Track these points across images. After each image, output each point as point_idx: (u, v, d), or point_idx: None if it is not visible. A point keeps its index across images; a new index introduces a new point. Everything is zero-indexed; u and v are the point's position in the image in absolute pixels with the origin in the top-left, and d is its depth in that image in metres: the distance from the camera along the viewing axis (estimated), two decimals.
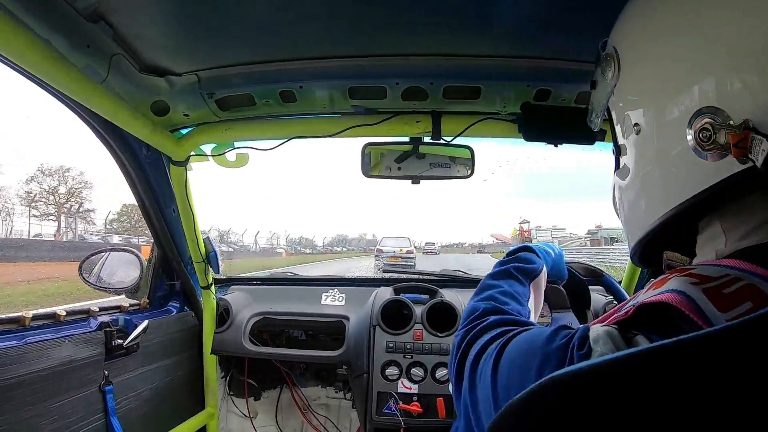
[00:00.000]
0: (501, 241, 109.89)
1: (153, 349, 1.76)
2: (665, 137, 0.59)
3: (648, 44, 0.63)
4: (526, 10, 1.08)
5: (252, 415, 2.34)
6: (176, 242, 1.89)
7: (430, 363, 1.80)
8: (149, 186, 1.70)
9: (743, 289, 0.46)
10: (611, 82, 0.70)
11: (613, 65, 0.69)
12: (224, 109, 1.50)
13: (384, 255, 23.07)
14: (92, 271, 1.86)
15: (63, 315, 1.42)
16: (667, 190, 0.59)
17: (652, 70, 0.61)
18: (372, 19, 1.13)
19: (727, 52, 0.51)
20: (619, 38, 0.70)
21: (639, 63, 0.65)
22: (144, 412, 1.69)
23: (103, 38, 1.11)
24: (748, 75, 0.50)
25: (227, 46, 1.26)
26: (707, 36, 0.54)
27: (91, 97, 1.15)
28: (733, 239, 0.56)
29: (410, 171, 1.62)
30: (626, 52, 0.67)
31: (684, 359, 0.37)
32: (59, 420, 1.31)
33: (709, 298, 0.46)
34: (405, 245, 24.51)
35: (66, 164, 53.19)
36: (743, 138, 0.48)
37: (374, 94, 1.45)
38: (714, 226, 0.58)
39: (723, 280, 0.48)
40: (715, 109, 0.51)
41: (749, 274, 0.48)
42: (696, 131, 0.52)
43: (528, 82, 1.40)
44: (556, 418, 0.41)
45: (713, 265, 0.53)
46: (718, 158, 0.51)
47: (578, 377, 0.40)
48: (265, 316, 2.09)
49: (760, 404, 0.35)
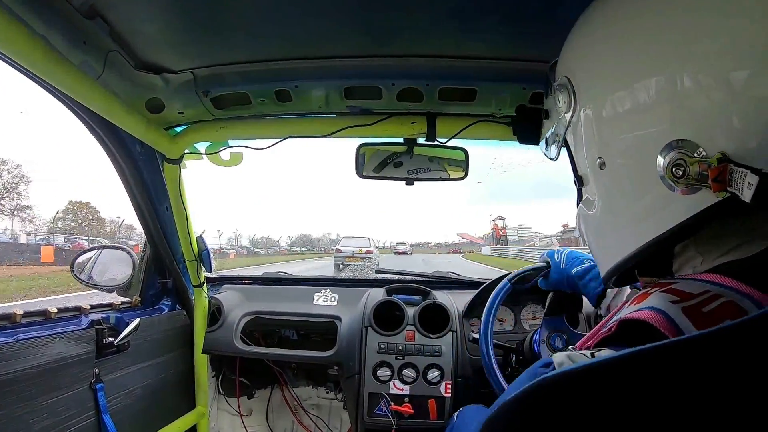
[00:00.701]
0: (467, 240, 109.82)
1: (144, 347, 1.75)
2: (633, 172, 0.57)
3: (603, 73, 0.61)
4: (522, 12, 1.08)
5: (243, 414, 2.34)
6: (169, 240, 1.89)
7: (422, 364, 1.81)
8: (143, 183, 1.69)
9: (723, 307, 0.47)
10: (566, 114, 0.67)
11: (567, 96, 0.66)
12: (219, 107, 1.50)
13: (343, 255, 22.95)
14: (84, 269, 1.85)
15: (54, 312, 1.41)
16: (639, 225, 0.58)
17: (613, 103, 0.59)
18: (369, 20, 1.14)
19: (696, 84, 0.50)
20: (572, 67, 0.67)
21: (598, 95, 0.62)
22: (135, 410, 1.68)
23: (99, 35, 1.11)
24: (721, 105, 0.49)
25: (223, 45, 1.26)
26: (672, 66, 0.52)
27: (86, 93, 1.15)
28: (709, 260, 0.56)
29: (404, 172, 1.62)
30: (582, 82, 0.64)
31: (646, 367, 0.40)
32: (50, 418, 1.31)
33: (688, 317, 0.47)
34: (364, 245, 24.43)
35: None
36: (722, 171, 0.47)
37: (370, 94, 1.45)
38: (690, 250, 0.59)
39: (703, 297, 0.49)
40: (686, 141, 0.50)
41: (729, 290, 0.49)
42: (668, 166, 0.51)
43: (523, 85, 1.40)
44: (542, 415, 0.43)
45: (694, 280, 0.53)
46: (692, 191, 0.51)
47: (566, 377, 0.42)
48: (257, 316, 2.09)
49: (721, 409, 0.38)
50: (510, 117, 1.53)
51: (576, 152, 0.69)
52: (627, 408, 0.39)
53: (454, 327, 1.88)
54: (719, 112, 0.49)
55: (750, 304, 0.46)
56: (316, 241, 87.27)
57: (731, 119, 0.48)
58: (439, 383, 1.78)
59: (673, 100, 0.52)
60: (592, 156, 0.63)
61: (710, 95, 0.49)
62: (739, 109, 0.48)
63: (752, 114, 0.47)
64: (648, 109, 0.54)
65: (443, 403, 1.76)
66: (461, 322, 1.91)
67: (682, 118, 0.51)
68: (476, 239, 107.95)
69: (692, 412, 0.38)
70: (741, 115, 0.47)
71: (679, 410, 0.38)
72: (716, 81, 0.49)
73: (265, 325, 2.16)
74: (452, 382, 1.78)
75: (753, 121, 0.47)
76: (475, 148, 1.66)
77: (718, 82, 0.48)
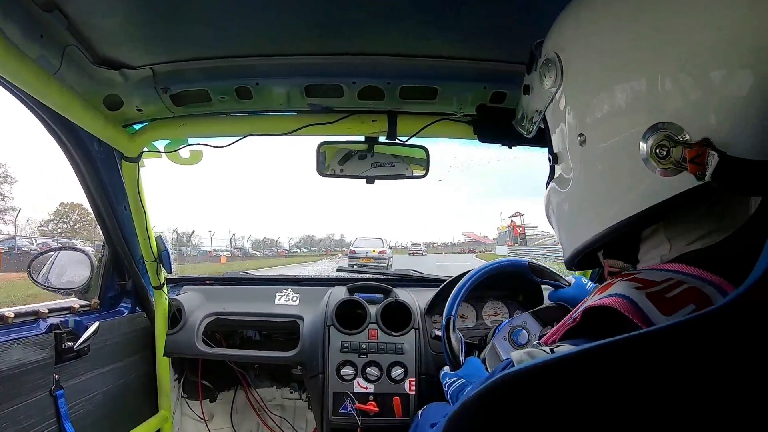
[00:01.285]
0: (473, 239, 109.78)
1: (104, 351, 1.71)
2: (614, 151, 0.57)
3: (599, 54, 0.60)
4: (483, 12, 1.11)
5: (207, 417, 2.31)
6: (128, 241, 1.85)
7: (386, 362, 1.81)
8: (100, 182, 1.66)
9: (686, 292, 0.48)
10: (550, 90, 0.67)
11: (554, 72, 0.66)
12: (179, 104, 1.49)
13: (357, 256, 23.26)
14: (41, 271, 1.80)
15: (11, 317, 1.37)
16: (613, 203, 0.59)
17: (603, 81, 0.59)
18: (330, 17, 1.15)
19: (685, 68, 0.51)
20: (562, 43, 0.67)
21: (587, 73, 0.62)
22: (97, 416, 1.64)
23: (57, 28, 1.09)
24: (707, 90, 0.50)
25: (184, 40, 1.25)
26: (664, 49, 0.53)
27: (42, 89, 1.13)
28: (678, 246, 0.57)
29: (365, 170, 1.63)
30: (572, 59, 0.64)
31: (612, 360, 0.40)
32: (11, 426, 1.27)
33: (653, 302, 0.47)
34: (378, 246, 24.75)
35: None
36: (700, 153, 0.48)
37: (331, 92, 1.46)
38: (658, 235, 0.59)
39: (666, 284, 0.49)
40: (671, 124, 0.51)
41: (691, 277, 0.49)
42: (652, 147, 0.52)
43: (484, 84, 1.43)
44: (502, 412, 0.43)
45: (657, 270, 0.54)
46: (672, 174, 0.52)
47: (526, 373, 0.42)
48: (219, 317, 2.06)
49: (691, 403, 0.38)
50: (470, 116, 1.56)
51: (554, 128, 0.70)
52: (588, 403, 0.39)
53: (417, 324, 1.89)
54: (704, 98, 0.50)
55: (712, 290, 0.47)
56: (319, 241, 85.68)
57: (717, 106, 0.49)
58: (403, 381, 1.78)
59: (662, 83, 0.53)
60: (573, 133, 0.63)
61: (698, 80, 0.50)
62: (724, 96, 0.49)
63: (735, 104, 0.49)
64: (635, 89, 0.55)
65: (408, 401, 1.77)
66: (423, 319, 1.92)
67: (669, 101, 0.52)
68: (482, 238, 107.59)
69: (659, 404, 0.37)
70: (725, 103, 0.49)
71: (644, 404, 0.38)
72: (703, 69, 0.50)
73: (226, 326, 2.14)
74: (416, 379, 1.79)
75: (734, 109, 0.49)
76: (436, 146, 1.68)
77: (706, 70, 0.50)
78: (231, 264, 33.07)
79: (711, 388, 0.38)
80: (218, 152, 1.65)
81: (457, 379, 1.29)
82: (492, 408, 0.44)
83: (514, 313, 1.94)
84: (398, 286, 2.12)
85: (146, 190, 1.73)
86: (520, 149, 1.56)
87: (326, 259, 41.00)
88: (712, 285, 0.47)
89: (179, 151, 1.64)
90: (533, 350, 0.51)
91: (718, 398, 0.37)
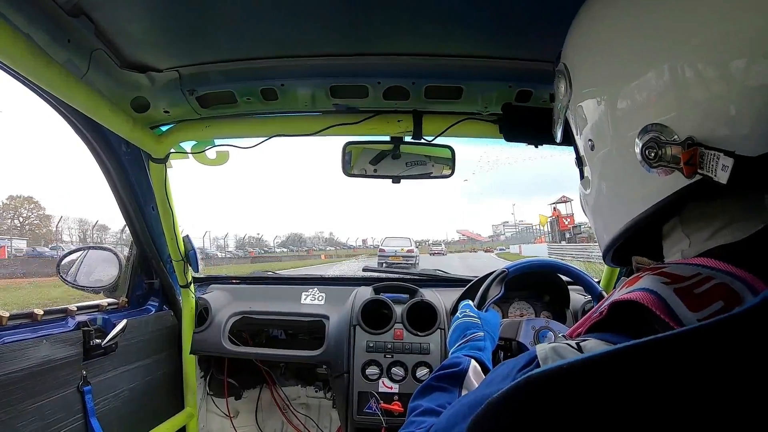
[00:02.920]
0: (468, 237, 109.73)
1: (131, 348, 1.74)
2: (616, 154, 0.60)
3: (593, 62, 0.65)
4: (507, 10, 1.09)
5: (232, 414, 2.33)
6: (155, 240, 1.87)
7: (411, 362, 1.80)
8: (128, 183, 1.68)
9: (715, 289, 0.46)
10: (565, 98, 0.71)
11: (564, 81, 0.71)
12: (205, 106, 1.50)
13: (386, 254, 24.01)
14: (70, 271, 1.84)
15: (40, 314, 1.40)
16: (624, 202, 0.61)
17: (599, 88, 0.63)
18: (354, 18, 1.14)
19: (669, 70, 0.52)
20: (569, 54, 0.71)
21: (586, 80, 0.66)
22: (123, 412, 1.67)
23: (84, 33, 1.10)
24: (690, 91, 0.51)
25: (209, 43, 1.26)
26: (649, 55, 0.55)
27: (71, 92, 1.14)
28: (696, 242, 0.56)
29: (390, 170, 1.63)
30: (575, 69, 0.68)
31: (642, 362, 0.38)
32: (38, 421, 1.30)
33: (681, 298, 0.46)
34: (406, 245, 25.71)
35: None
36: (693, 155, 0.49)
37: (356, 93, 1.45)
38: (677, 231, 0.59)
39: (695, 279, 0.48)
40: (660, 126, 0.53)
41: (720, 272, 0.48)
42: (642, 148, 0.54)
43: (509, 83, 1.41)
44: (529, 414, 0.41)
45: (685, 264, 0.53)
46: (667, 173, 0.53)
47: (553, 374, 0.41)
48: (245, 316, 2.08)
49: (724, 406, 0.36)
50: (496, 115, 1.54)
51: (575, 133, 0.73)
52: (621, 405, 0.38)
53: (442, 324, 1.88)
54: (691, 98, 0.51)
55: (741, 286, 0.45)
56: (307, 240, 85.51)
57: (701, 105, 0.50)
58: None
59: (650, 86, 0.54)
60: (585, 138, 0.67)
61: (683, 83, 0.51)
62: (710, 95, 0.49)
63: (721, 100, 0.49)
64: (627, 95, 0.57)
65: None
66: (449, 319, 1.91)
67: (657, 104, 0.53)
68: (476, 236, 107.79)
69: (694, 408, 0.36)
70: (712, 100, 0.49)
71: (679, 407, 0.36)
72: (691, 70, 0.51)
73: (252, 325, 2.15)
74: None
75: (719, 107, 0.49)
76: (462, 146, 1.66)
77: (692, 71, 0.51)
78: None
79: (748, 390, 0.36)
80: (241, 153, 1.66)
81: (475, 319, 1.28)
82: (518, 411, 0.43)
83: (540, 314, 1.92)
84: (424, 287, 2.11)
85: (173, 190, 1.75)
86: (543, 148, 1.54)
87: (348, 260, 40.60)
88: (741, 281, 0.46)
89: (205, 152, 1.66)
90: (558, 345, 0.50)
91: (758, 400, 0.36)
